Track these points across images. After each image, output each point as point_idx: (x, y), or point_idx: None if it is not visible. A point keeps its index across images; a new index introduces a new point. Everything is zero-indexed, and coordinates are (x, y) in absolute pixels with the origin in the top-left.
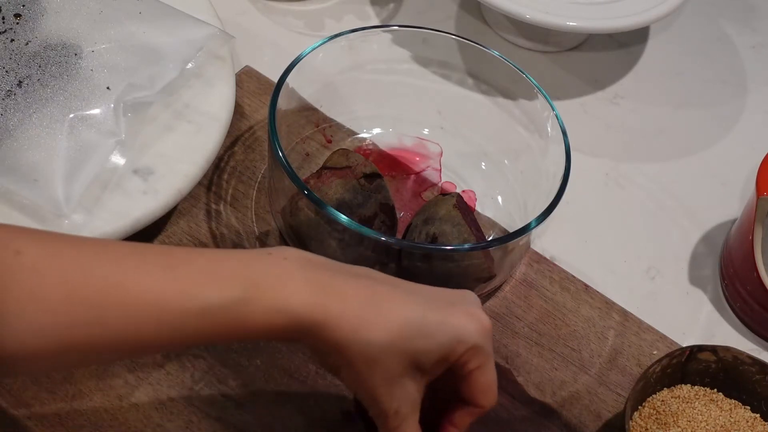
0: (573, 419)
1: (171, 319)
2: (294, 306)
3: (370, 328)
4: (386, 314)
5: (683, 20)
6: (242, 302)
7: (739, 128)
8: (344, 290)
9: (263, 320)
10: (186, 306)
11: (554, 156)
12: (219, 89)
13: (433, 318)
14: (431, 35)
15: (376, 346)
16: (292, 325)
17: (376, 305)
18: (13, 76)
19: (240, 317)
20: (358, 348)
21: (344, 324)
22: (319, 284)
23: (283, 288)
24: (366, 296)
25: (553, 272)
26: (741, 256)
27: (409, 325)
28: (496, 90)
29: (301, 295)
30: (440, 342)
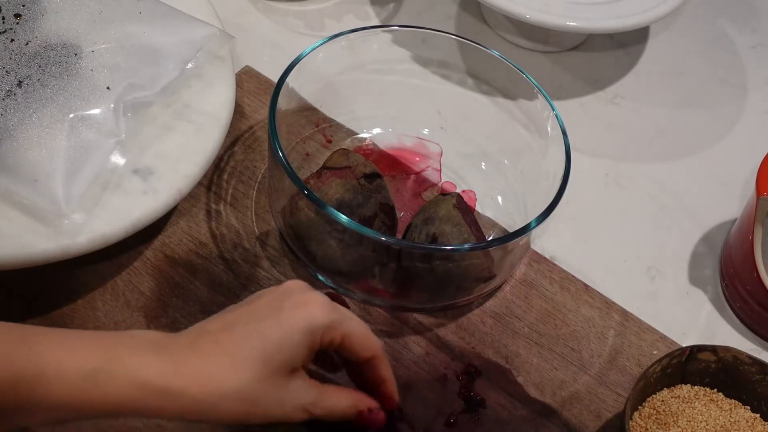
0: (573, 419)
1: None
2: (150, 376)
3: (229, 376)
4: (233, 355)
5: (683, 20)
6: (99, 373)
7: (739, 128)
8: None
9: (123, 390)
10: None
11: (554, 156)
12: (219, 89)
13: (272, 331)
14: (431, 35)
15: (245, 387)
16: (153, 394)
17: (224, 354)
18: (13, 76)
19: (99, 389)
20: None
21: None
22: (169, 358)
23: (138, 359)
24: (210, 352)
25: (553, 272)
26: (741, 256)
27: (257, 353)
28: (496, 90)
29: (156, 367)
30: (294, 343)
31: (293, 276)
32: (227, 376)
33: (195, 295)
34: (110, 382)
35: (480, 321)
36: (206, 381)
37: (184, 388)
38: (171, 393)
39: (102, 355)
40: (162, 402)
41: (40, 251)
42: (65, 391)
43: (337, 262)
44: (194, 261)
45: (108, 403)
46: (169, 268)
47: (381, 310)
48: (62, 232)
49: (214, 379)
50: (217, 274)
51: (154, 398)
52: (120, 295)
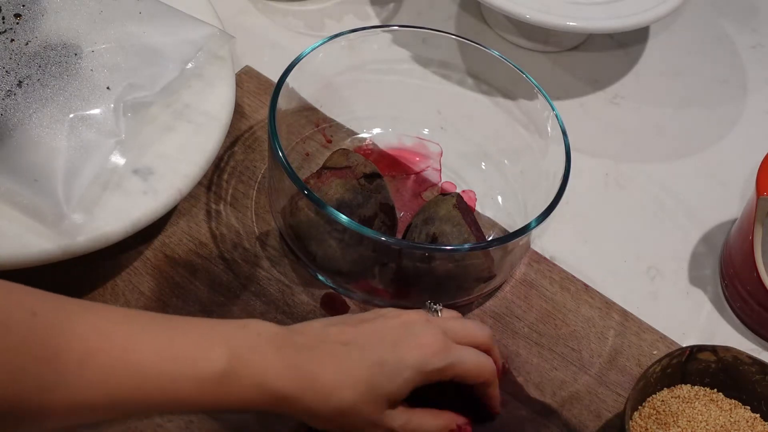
0: (573, 419)
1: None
2: (271, 381)
3: (337, 392)
4: (347, 375)
5: (683, 20)
6: (228, 375)
7: (739, 128)
8: (310, 363)
9: (247, 393)
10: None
11: (554, 156)
12: (219, 89)
13: (388, 362)
14: (431, 35)
15: (346, 406)
16: (271, 398)
17: (336, 370)
18: (13, 76)
19: (226, 389)
20: (332, 411)
21: (315, 395)
22: (289, 360)
23: (262, 363)
24: (328, 363)
25: (553, 272)
26: (741, 256)
27: (367, 377)
28: (496, 90)
29: (277, 372)
30: (405, 378)
31: (293, 276)
32: (339, 392)
33: (195, 295)
34: (236, 384)
35: (480, 321)
36: (320, 392)
37: (300, 396)
38: (287, 398)
39: (230, 355)
40: (276, 404)
41: (40, 251)
42: (195, 391)
43: (337, 262)
44: (194, 261)
45: (228, 403)
46: (169, 268)
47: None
48: (62, 232)
49: (327, 391)
50: (217, 274)
51: (270, 401)
52: (120, 295)
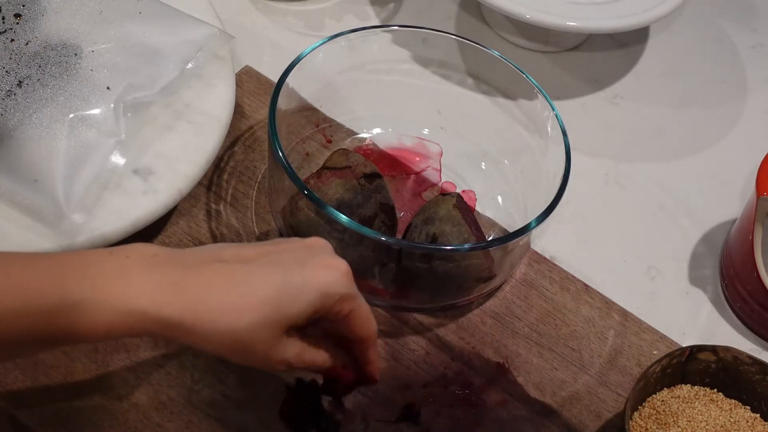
0: (573, 419)
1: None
2: (141, 305)
3: (235, 314)
4: (248, 295)
5: (683, 20)
6: (85, 303)
7: (739, 128)
8: (198, 283)
9: (106, 321)
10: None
11: (554, 156)
12: (219, 89)
13: (295, 282)
14: (431, 35)
15: (244, 329)
16: (144, 324)
17: (234, 290)
18: (13, 76)
19: (84, 318)
20: (222, 336)
21: (203, 319)
22: (168, 282)
23: (126, 288)
24: (222, 284)
25: (553, 272)
26: (741, 256)
27: (274, 298)
28: (496, 90)
29: (150, 294)
30: (308, 301)
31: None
32: (234, 315)
33: None
34: (99, 312)
35: (480, 321)
36: (208, 315)
37: (180, 318)
38: (167, 323)
39: (89, 283)
40: (155, 330)
41: (39, 251)
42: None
43: None
44: None
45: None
46: None
47: (381, 310)
48: (62, 232)
49: (219, 312)
50: None
51: (146, 326)
52: None
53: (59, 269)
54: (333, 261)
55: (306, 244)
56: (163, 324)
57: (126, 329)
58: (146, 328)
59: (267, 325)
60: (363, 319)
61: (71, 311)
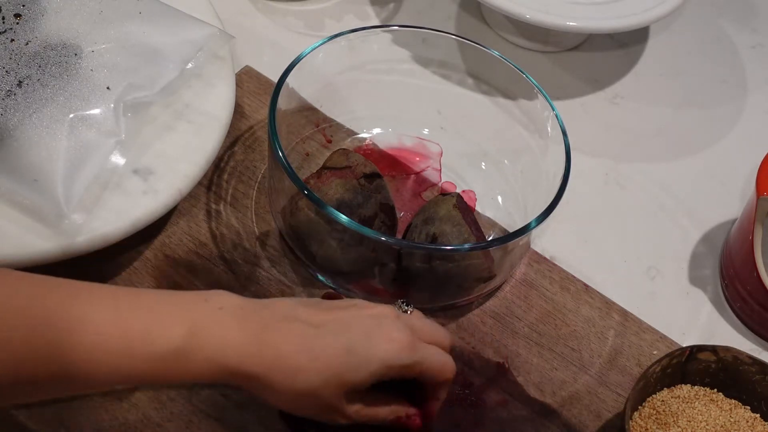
0: (573, 419)
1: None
2: (230, 358)
3: (303, 373)
4: (317, 358)
5: (683, 20)
6: (183, 352)
7: (739, 128)
8: (276, 340)
9: (201, 369)
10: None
11: (554, 156)
12: (219, 89)
13: (360, 353)
14: (431, 35)
15: (310, 388)
16: (228, 374)
17: (306, 351)
18: (13, 76)
19: (180, 365)
20: (295, 392)
21: (279, 373)
22: (253, 335)
23: (221, 339)
24: (297, 343)
25: (553, 272)
26: (741, 256)
27: (339, 364)
28: (496, 90)
29: (237, 348)
30: (370, 372)
31: (293, 276)
32: (306, 373)
33: None
34: (193, 360)
35: (480, 321)
36: (285, 371)
37: (262, 374)
38: (249, 376)
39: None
40: (237, 381)
41: (40, 251)
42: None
43: (337, 262)
44: (194, 261)
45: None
46: (169, 268)
47: None
48: (62, 232)
49: (292, 371)
50: (217, 274)
51: (231, 377)
52: None
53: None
54: (397, 335)
55: (374, 313)
56: (244, 377)
57: (208, 378)
58: (226, 378)
59: (330, 386)
60: (436, 371)
61: (183, 359)
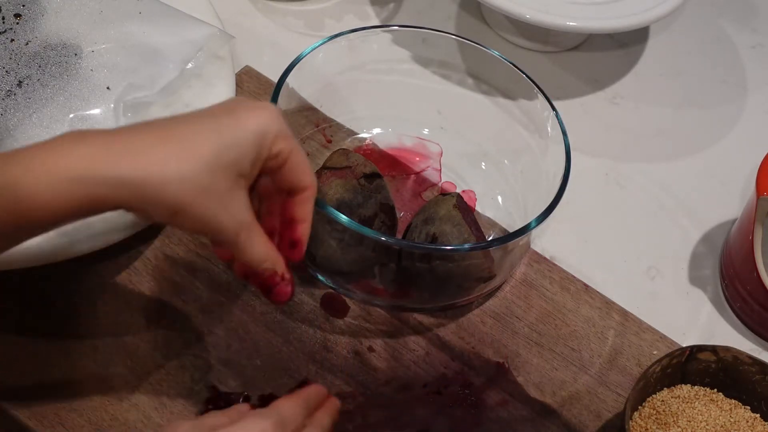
0: (573, 419)
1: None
2: (85, 169)
3: (179, 162)
4: (188, 144)
5: (683, 20)
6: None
7: (739, 128)
8: (134, 143)
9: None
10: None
11: (554, 156)
12: (219, 89)
13: (229, 126)
14: (431, 35)
15: (191, 177)
16: (93, 191)
17: (173, 141)
18: (13, 76)
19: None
20: (176, 186)
21: (152, 170)
22: (103, 146)
23: (65, 158)
24: (158, 137)
25: (553, 272)
26: (741, 256)
27: (213, 142)
28: (496, 90)
29: (89, 158)
30: (246, 143)
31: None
32: (178, 161)
33: (195, 295)
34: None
35: (480, 321)
36: (152, 164)
37: (114, 173)
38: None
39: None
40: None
41: (39, 251)
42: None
43: (337, 262)
44: (194, 261)
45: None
46: (169, 268)
47: (381, 310)
48: (62, 232)
49: (161, 163)
50: (217, 274)
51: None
52: (120, 295)
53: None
54: (260, 104)
55: (230, 100)
56: (113, 185)
57: (75, 202)
58: (97, 197)
59: (213, 170)
60: (303, 164)
61: (14, 189)
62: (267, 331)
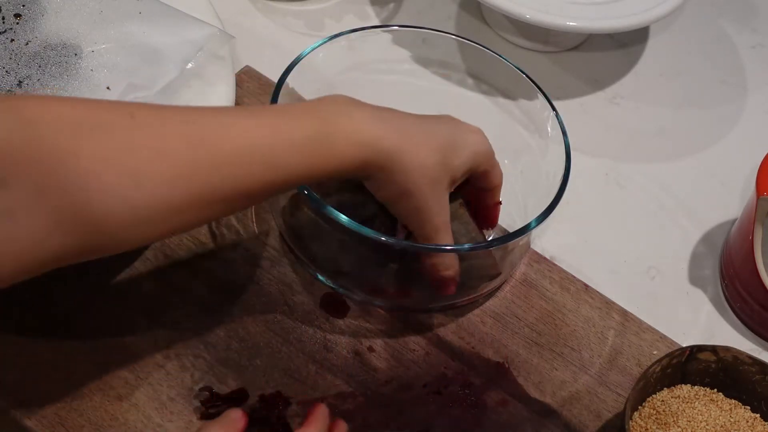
0: (573, 419)
1: (269, 159)
2: (367, 137)
3: (421, 153)
4: (427, 141)
5: (683, 20)
6: (323, 135)
7: (739, 128)
8: (399, 124)
9: (344, 150)
10: (279, 143)
11: (554, 156)
12: (219, 89)
13: (458, 137)
14: (431, 35)
15: (430, 167)
16: (369, 155)
17: (417, 135)
18: (13, 76)
19: (325, 148)
20: (420, 171)
21: (405, 152)
22: (377, 119)
23: (352, 122)
24: (406, 129)
25: (553, 272)
26: (741, 256)
27: (445, 146)
28: (496, 90)
29: (370, 128)
30: (469, 154)
31: (293, 276)
32: (427, 151)
33: (195, 295)
34: (334, 142)
35: (480, 321)
36: (415, 147)
37: (394, 147)
38: (384, 151)
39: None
40: (376, 161)
41: None
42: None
43: (337, 262)
44: (194, 261)
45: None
46: (169, 268)
47: (381, 310)
48: None
49: (419, 147)
50: (217, 274)
51: (371, 156)
52: (120, 295)
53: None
54: (474, 127)
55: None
56: (383, 154)
57: (358, 161)
58: (369, 159)
59: (442, 168)
60: (498, 176)
61: (325, 142)
62: (267, 331)
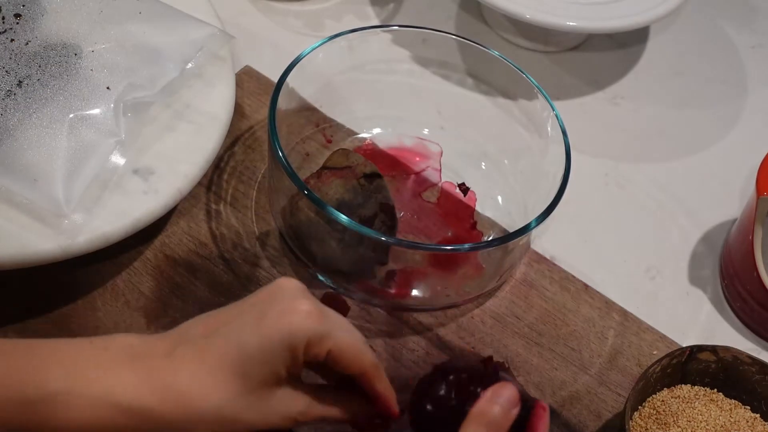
0: (573, 419)
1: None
2: (117, 397)
3: (199, 400)
4: (208, 375)
5: (683, 20)
6: (59, 395)
7: (739, 128)
8: (165, 372)
9: (85, 413)
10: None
11: (554, 156)
12: (219, 89)
13: (251, 343)
14: (431, 35)
15: (216, 408)
16: (121, 415)
17: (197, 372)
18: (13, 76)
19: (58, 410)
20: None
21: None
22: (144, 373)
23: (104, 381)
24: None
25: (553, 272)
26: (741, 256)
27: (238, 364)
28: (496, 90)
29: (126, 386)
30: (272, 356)
31: (293, 276)
32: (204, 393)
33: (195, 295)
34: (75, 404)
35: (480, 321)
36: (181, 399)
37: (156, 407)
38: (144, 412)
39: (65, 375)
40: (135, 422)
41: (40, 251)
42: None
43: (337, 262)
44: (194, 261)
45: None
46: (169, 268)
47: (381, 310)
48: (62, 232)
49: (189, 396)
50: (217, 274)
51: (126, 418)
52: (120, 295)
53: (36, 358)
54: (292, 305)
55: (268, 291)
56: (136, 413)
57: (96, 423)
58: (118, 419)
59: (242, 392)
60: (349, 355)
61: (48, 403)
62: None
